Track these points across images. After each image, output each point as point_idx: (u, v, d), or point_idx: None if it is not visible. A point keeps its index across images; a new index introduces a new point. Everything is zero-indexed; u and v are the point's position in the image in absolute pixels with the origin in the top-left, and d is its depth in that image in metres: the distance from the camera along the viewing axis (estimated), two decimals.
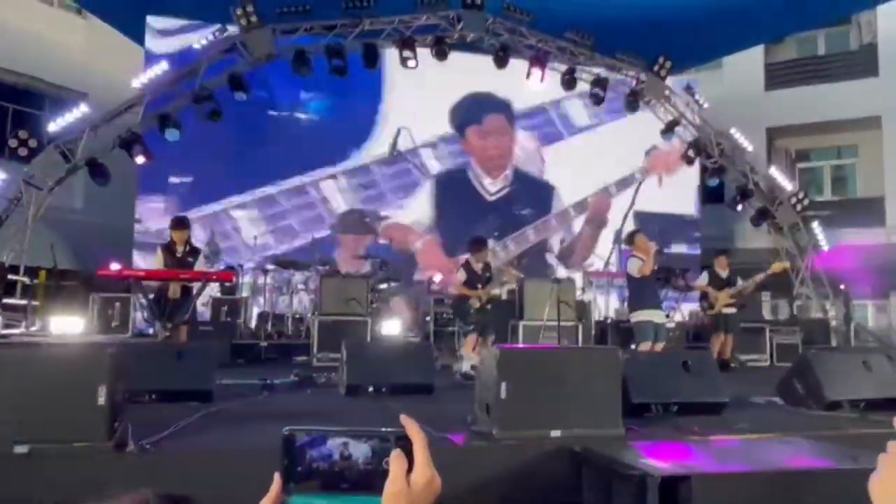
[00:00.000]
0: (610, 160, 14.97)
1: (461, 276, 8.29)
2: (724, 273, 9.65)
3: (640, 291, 7.77)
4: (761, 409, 5.61)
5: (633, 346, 7.67)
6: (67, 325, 9.58)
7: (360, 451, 0.89)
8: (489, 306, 8.18)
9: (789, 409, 5.40)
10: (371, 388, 5.61)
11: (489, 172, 15.07)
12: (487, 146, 15.10)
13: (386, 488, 0.86)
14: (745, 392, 6.23)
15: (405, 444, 0.89)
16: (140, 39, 13.10)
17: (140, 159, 10.42)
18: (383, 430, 0.91)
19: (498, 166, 15.18)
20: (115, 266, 6.54)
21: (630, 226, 8.86)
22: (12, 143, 9.85)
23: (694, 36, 13.38)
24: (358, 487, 0.88)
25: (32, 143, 9.88)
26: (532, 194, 15.27)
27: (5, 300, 9.51)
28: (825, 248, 13.20)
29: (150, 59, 11.66)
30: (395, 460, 0.88)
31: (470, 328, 8.02)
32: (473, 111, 14.99)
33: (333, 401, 5.55)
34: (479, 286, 8.14)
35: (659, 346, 7.51)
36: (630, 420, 4.36)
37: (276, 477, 0.88)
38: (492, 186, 15.10)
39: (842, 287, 12.95)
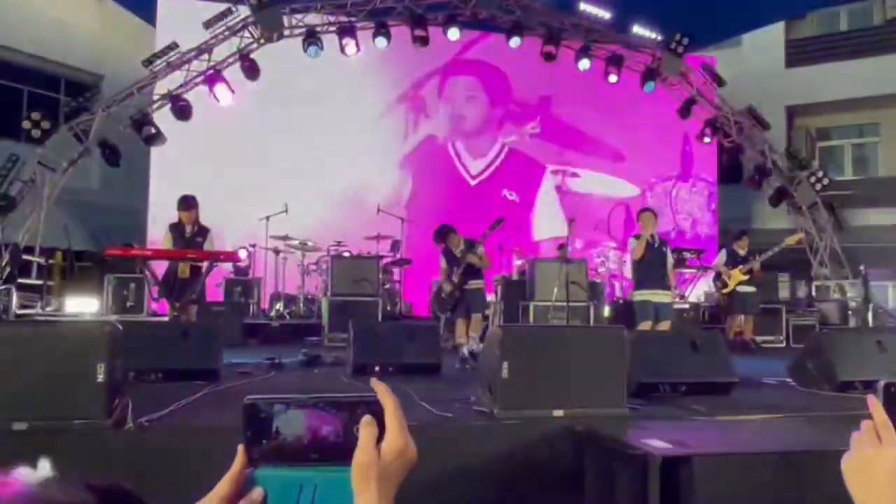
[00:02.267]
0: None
1: (443, 264, 8.32)
2: (743, 253, 9.53)
3: (639, 271, 7.73)
4: (773, 390, 5.54)
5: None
6: (82, 305, 9.69)
7: (328, 419, 0.84)
8: (471, 284, 8.15)
9: (801, 390, 5.32)
10: (378, 368, 5.59)
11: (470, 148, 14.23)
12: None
13: (355, 458, 0.81)
14: (760, 372, 6.16)
15: (376, 411, 0.83)
16: (153, 20, 13.10)
17: (151, 140, 10.45)
18: (353, 396, 0.85)
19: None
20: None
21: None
22: (26, 124, 9.93)
23: (713, 12, 13.13)
24: (327, 458, 0.83)
25: (46, 124, 9.95)
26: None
27: (21, 281, 9.61)
28: (845, 228, 12.98)
29: (162, 39, 11.65)
30: (365, 428, 0.82)
31: (447, 315, 8.06)
32: None
33: (340, 380, 5.54)
34: (457, 268, 8.15)
35: (665, 325, 7.44)
36: (637, 400, 4.32)
37: (240, 449, 0.84)
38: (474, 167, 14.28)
39: (861, 268, 12.75)
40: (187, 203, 7.39)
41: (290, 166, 12.92)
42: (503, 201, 13.94)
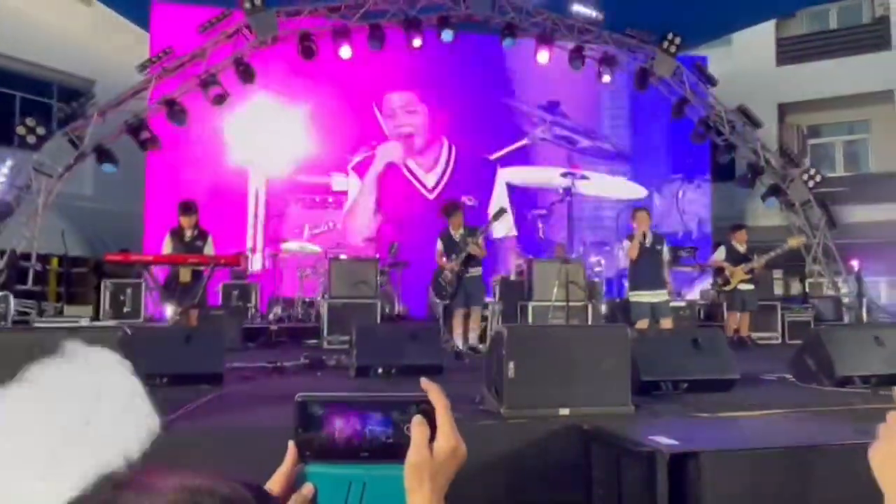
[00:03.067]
0: None
1: (439, 246, 8.05)
2: (742, 248, 9.57)
3: (634, 271, 7.79)
4: (772, 386, 5.60)
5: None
6: (79, 311, 9.68)
7: (378, 418, 0.85)
8: (469, 272, 7.95)
9: (800, 386, 5.38)
10: (380, 370, 5.61)
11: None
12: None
13: (408, 458, 0.82)
14: (756, 369, 6.21)
15: (427, 410, 0.85)
16: (145, 25, 13.08)
17: (147, 145, 10.44)
18: (403, 395, 0.87)
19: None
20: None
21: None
22: (21, 130, 9.91)
23: (704, 12, 13.21)
24: (377, 456, 0.84)
25: (41, 130, 9.93)
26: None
27: (17, 287, 9.58)
28: (837, 224, 13.09)
29: (156, 44, 11.65)
30: (417, 427, 0.83)
31: (446, 301, 7.95)
32: None
33: (344, 382, 5.57)
34: (455, 255, 7.89)
35: (667, 323, 7.49)
36: (640, 398, 4.37)
37: (291, 445, 0.85)
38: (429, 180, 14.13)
39: (854, 264, 12.85)
40: (187, 208, 7.41)
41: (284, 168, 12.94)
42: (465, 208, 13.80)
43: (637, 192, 14.96)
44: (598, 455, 3.61)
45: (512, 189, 14.36)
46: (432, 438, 0.84)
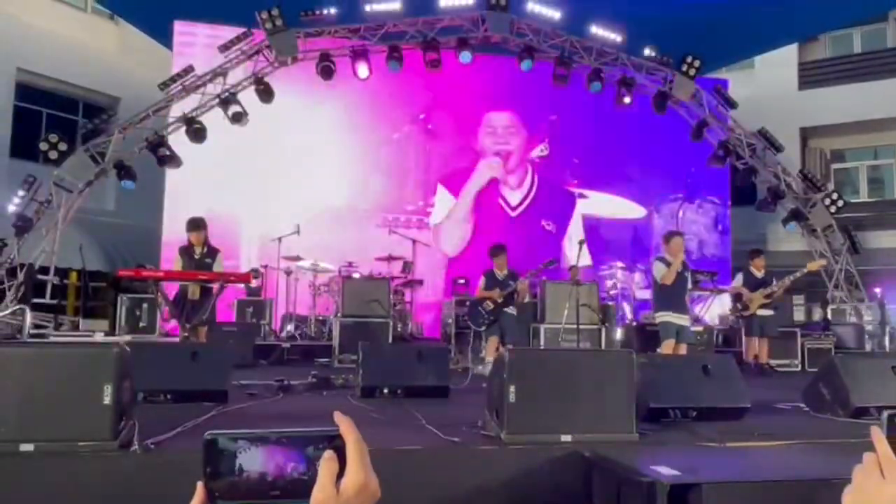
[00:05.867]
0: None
1: (482, 282, 8.37)
2: (759, 274, 9.43)
3: (664, 295, 7.67)
4: (786, 415, 5.45)
5: (658, 348, 7.60)
6: (95, 325, 9.75)
7: (292, 454, 0.82)
8: (506, 309, 8.13)
9: (814, 416, 5.24)
10: (386, 391, 5.57)
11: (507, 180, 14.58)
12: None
13: (312, 496, 0.79)
14: (773, 397, 6.08)
15: (338, 445, 0.82)
16: (169, 44, 13.30)
17: (166, 162, 10.55)
18: (317, 430, 0.84)
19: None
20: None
21: None
22: (43, 146, 10.06)
23: (725, 34, 13.15)
24: (290, 494, 0.81)
25: (63, 146, 10.08)
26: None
27: (35, 301, 9.68)
28: (860, 250, 12.86)
29: (179, 62, 11.81)
30: (325, 463, 0.80)
31: (482, 329, 8.01)
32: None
33: (348, 403, 5.52)
34: (500, 290, 8.16)
35: (682, 348, 7.40)
36: (647, 425, 4.28)
37: (199, 486, 0.82)
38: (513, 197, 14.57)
39: (877, 291, 12.60)
40: (196, 224, 7.44)
41: (303, 188, 13.01)
42: (542, 232, 14.29)
43: (636, 211, 14.92)
44: (599, 483, 3.53)
45: (588, 220, 14.68)
46: (342, 474, 0.81)
